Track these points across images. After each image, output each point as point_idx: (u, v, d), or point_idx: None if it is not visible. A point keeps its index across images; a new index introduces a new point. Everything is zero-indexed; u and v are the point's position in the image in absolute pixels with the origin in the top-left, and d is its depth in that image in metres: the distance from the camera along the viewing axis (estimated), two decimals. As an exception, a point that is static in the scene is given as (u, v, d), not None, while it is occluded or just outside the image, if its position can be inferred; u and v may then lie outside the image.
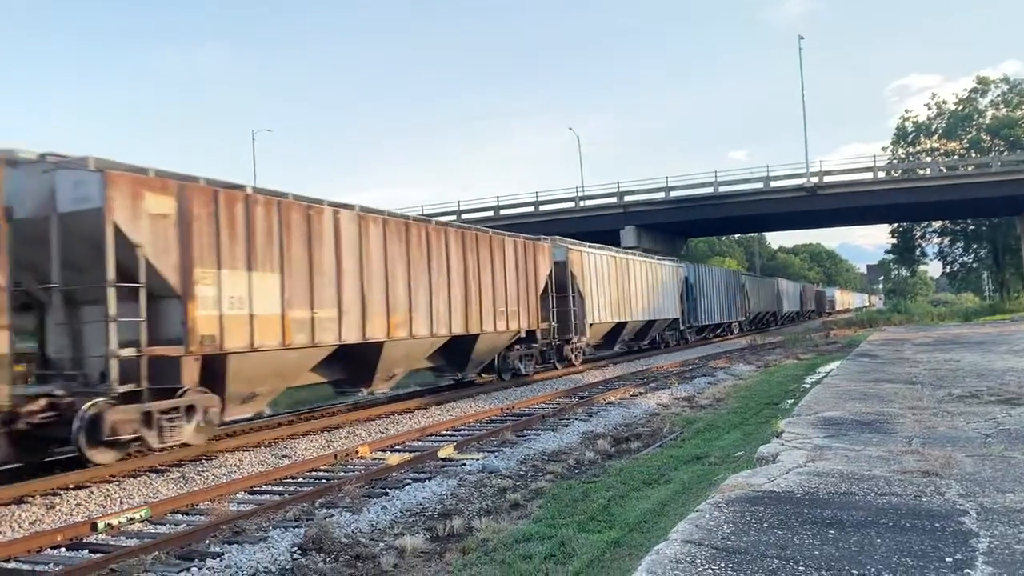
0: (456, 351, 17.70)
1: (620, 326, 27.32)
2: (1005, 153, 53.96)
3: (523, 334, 20.16)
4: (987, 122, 59.78)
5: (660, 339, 33.24)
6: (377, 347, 14.41)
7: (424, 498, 8.44)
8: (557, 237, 23.97)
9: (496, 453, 10.82)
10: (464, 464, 10.13)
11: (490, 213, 50.69)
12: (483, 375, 20.36)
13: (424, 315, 15.72)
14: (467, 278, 17.43)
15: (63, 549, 7.15)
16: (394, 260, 14.87)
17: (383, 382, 15.55)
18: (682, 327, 34.85)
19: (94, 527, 7.52)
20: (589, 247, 25.11)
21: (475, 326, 17.65)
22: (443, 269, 16.51)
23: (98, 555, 6.77)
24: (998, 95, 61.06)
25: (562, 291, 22.52)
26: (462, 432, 12.97)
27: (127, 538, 7.45)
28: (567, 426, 13.05)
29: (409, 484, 9.06)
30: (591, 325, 24.02)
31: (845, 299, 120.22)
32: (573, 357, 23.81)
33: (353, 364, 14.41)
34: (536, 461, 10.30)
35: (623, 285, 27.13)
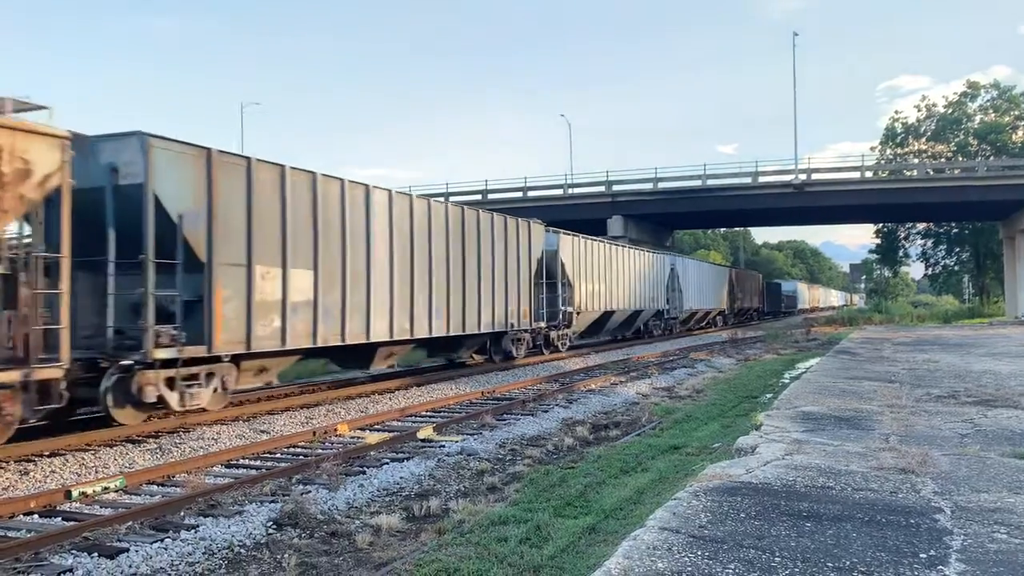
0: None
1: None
2: (991, 158, 54.34)
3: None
4: (975, 126, 60.07)
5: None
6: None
7: (402, 478, 8.43)
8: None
9: (476, 436, 10.82)
10: (443, 446, 10.12)
11: (478, 197, 50.53)
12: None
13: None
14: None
15: (36, 516, 7.09)
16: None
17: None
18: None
19: (68, 495, 7.47)
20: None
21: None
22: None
23: (71, 523, 6.72)
24: (987, 100, 61.37)
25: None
26: (442, 414, 12.96)
27: (101, 507, 7.40)
28: (547, 412, 13.07)
29: (387, 463, 9.04)
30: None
31: (815, 295, 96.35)
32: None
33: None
34: (515, 445, 10.31)
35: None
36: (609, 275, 27.89)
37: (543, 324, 22.61)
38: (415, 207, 16.27)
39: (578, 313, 24.98)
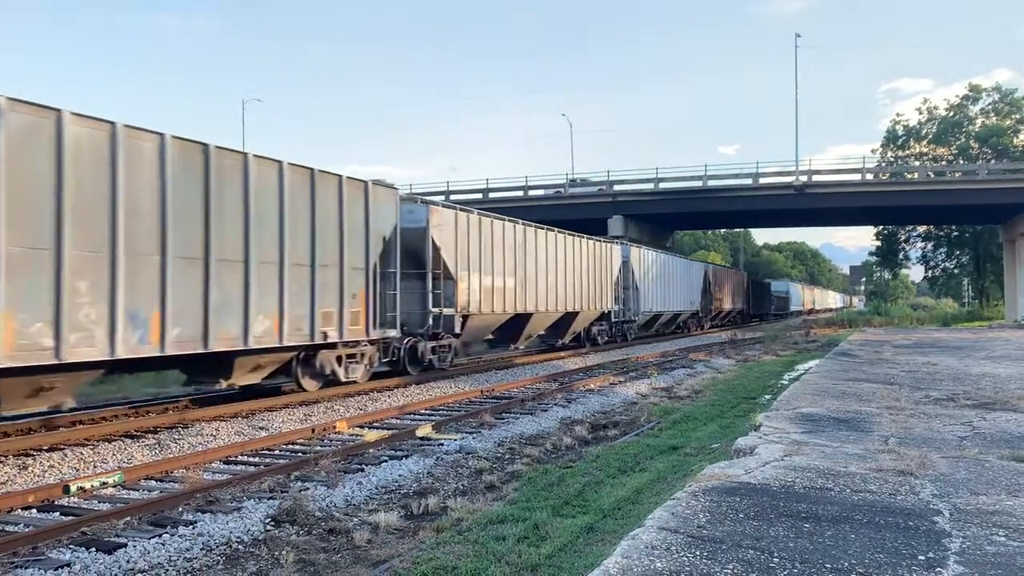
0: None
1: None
2: (992, 161, 54.33)
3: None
4: (976, 129, 60.09)
5: None
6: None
7: (400, 476, 8.43)
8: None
9: (474, 434, 10.82)
10: (442, 444, 10.12)
11: (479, 196, 50.51)
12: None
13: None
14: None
15: (34, 510, 7.09)
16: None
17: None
18: None
19: (66, 490, 7.47)
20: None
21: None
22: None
23: (69, 518, 6.72)
24: (989, 103, 61.38)
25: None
26: (441, 412, 12.96)
27: (99, 502, 7.40)
28: (546, 411, 13.07)
29: (386, 461, 9.04)
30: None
31: (811, 297, 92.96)
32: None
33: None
34: (514, 444, 10.31)
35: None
36: (524, 266, 21.30)
37: (395, 333, 15.54)
38: (68, 132, 9.15)
39: (465, 316, 18.30)
